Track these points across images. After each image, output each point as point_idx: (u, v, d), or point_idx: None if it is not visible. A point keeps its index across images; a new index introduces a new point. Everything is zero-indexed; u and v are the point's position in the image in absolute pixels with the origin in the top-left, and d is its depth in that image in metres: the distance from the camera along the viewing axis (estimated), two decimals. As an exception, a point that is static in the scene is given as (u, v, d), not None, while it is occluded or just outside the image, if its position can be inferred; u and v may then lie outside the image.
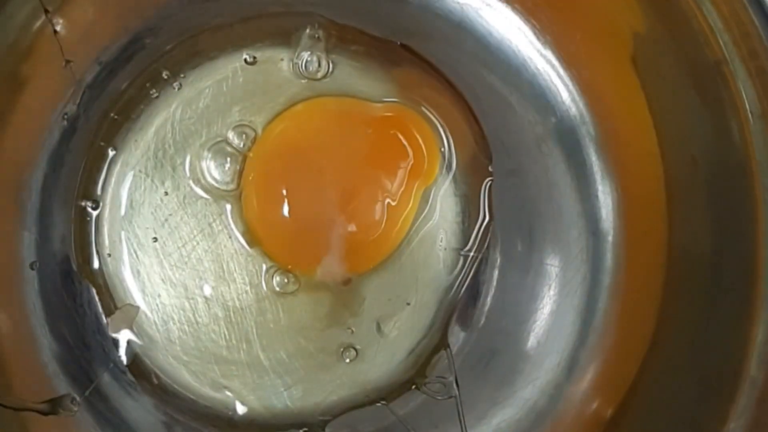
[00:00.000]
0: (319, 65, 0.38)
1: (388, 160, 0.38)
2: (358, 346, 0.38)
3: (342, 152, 0.38)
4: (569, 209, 0.38)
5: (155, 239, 0.37)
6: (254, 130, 0.37)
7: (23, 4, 0.33)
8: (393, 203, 0.37)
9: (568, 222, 0.38)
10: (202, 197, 0.37)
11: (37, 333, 0.35)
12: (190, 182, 0.37)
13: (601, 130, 0.37)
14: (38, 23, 0.33)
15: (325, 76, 0.38)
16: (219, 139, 0.37)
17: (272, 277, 0.37)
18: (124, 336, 0.37)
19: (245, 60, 0.38)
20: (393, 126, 0.38)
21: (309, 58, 0.38)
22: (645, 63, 0.35)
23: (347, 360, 0.38)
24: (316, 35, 0.38)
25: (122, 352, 0.37)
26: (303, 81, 0.38)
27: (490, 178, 0.39)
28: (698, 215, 0.34)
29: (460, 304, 0.39)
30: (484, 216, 0.39)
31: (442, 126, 0.38)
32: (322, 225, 0.37)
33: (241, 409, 0.38)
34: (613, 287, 0.37)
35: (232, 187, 0.37)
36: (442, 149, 0.38)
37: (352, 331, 0.38)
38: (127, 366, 0.37)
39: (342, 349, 0.38)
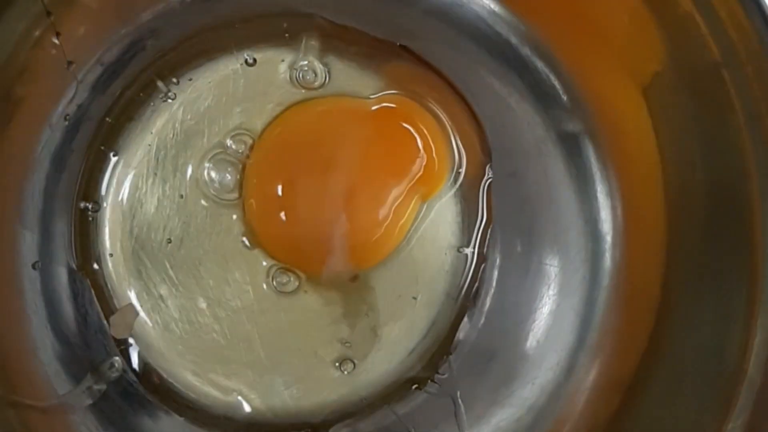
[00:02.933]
0: (316, 75, 0.38)
1: (394, 155, 0.38)
2: (355, 360, 0.38)
3: (343, 150, 0.38)
4: (568, 210, 0.38)
5: (156, 239, 0.37)
6: (252, 137, 0.37)
7: (26, 6, 0.33)
8: (397, 200, 0.37)
9: (567, 223, 0.38)
10: (204, 204, 0.37)
11: (39, 333, 0.35)
12: (191, 191, 0.37)
13: (600, 131, 0.37)
14: (41, 25, 0.33)
15: (322, 85, 0.38)
16: (219, 149, 0.37)
17: (273, 276, 0.38)
18: (125, 336, 0.37)
19: (246, 61, 0.38)
20: (397, 118, 0.38)
21: (306, 68, 0.38)
22: (644, 66, 0.35)
23: (345, 372, 0.38)
24: (313, 44, 0.38)
25: (124, 351, 0.37)
26: (302, 91, 0.38)
27: (489, 179, 0.39)
28: (697, 217, 0.34)
29: (460, 303, 0.39)
30: (483, 216, 0.39)
31: (448, 123, 0.38)
32: (326, 225, 0.37)
33: (242, 408, 0.38)
34: (612, 288, 0.37)
35: (234, 195, 0.37)
36: (452, 152, 0.38)
37: (349, 345, 0.38)
38: (128, 365, 0.37)
39: (339, 363, 0.38)
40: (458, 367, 0.38)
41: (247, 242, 0.38)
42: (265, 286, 0.38)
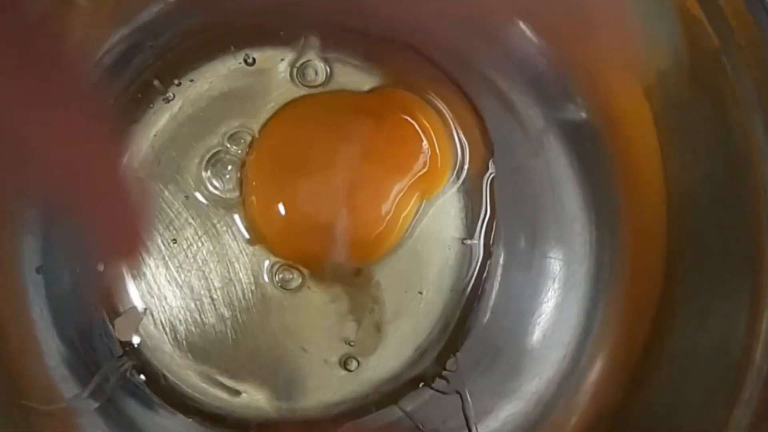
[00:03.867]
0: (317, 73, 0.38)
1: (395, 149, 0.38)
2: (361, 358, 0.38)
3: (343, 145, 0.38)
4: (571, 203, 0.38)
5: (160, 241, 0.37)
6: (252, 135, 0.37)
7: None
8: (399, 194, 0.37)
9: (570, 215, 0.38)
10: (206, 204, 0.37)
11: (45, 337, 0.35)
12: (194, 191, 0.37)
13: (601, 123, 0.37)
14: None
15: (323, 83, 0.38)
16: (220, 149, 0.37)
17: (276, 274, 0.38)
18: (130, 338, 0.37)
19: (245, 61, 0.38)
20: (399, 111, 0.38)
21: (307, 66, 0.38)
22: (644, 57, 0.35)
23: (351, 370, 0.38)
24: (313, 41, 0.38)
25: (129, 354, 0.37)
26: (303, 89, 0.38)
27: (491, 173, 0.39)
28: (700, 205, 0.34)
29: (465, 299, 0.39)
30: (486, 211, 0.39)
31: (451, 118, 0.38)
32: (327, 220, 0.37)
33: (248, 408, 0.38)
34: (617, 279, 0.37)
35: (235, 194, 0.37)
36: (455, 147, 0.38)
37: (354, 343, 0.38)
38: (134, 368, 0.37)
39: (344, 362, 0.38)
40: (465, 362, 0.38)
41: (249, 240, 0.38)
42: (268, 283, 0.38)
